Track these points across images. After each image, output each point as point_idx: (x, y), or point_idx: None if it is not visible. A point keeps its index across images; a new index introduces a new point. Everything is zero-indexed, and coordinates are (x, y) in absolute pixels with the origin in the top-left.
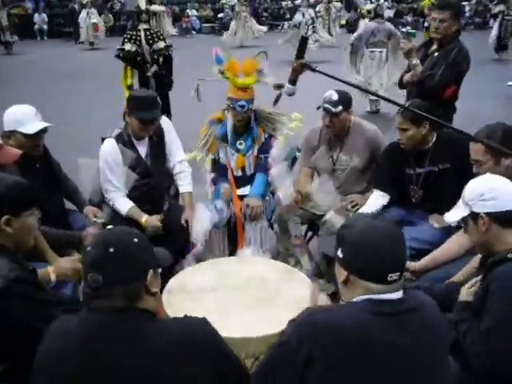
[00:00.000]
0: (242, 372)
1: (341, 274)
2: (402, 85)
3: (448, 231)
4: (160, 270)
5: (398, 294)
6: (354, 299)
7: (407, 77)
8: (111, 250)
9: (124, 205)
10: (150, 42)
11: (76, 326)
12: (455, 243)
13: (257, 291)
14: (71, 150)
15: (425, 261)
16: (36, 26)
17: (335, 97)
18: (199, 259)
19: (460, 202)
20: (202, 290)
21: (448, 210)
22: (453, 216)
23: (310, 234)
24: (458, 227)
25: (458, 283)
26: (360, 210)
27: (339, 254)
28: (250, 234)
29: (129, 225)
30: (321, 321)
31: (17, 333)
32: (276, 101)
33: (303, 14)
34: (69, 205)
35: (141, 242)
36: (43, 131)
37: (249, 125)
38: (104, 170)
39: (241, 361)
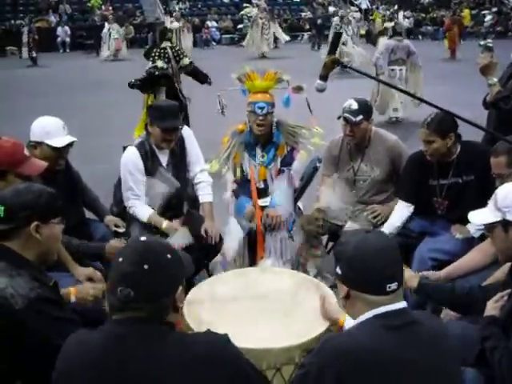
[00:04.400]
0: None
1: (341, 289)
2: (485, 105)
3: (470, 242)
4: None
5: (401, 304)
6: (362, 317)
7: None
8: (146, 266)
9: (145, 211)
10: (177, 58)
11: (97, 336)
12: (478, 254)
13: (277, 302)
14: (94, 159)
15: (447, 271)
16: (59, 39)
17: (355, 106)
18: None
19: (490, 206)
20: (223, 301)
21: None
22: (480, 218)
23: (331, 244)
24: (480, 238)
25: (484, 288)
26: (386, 222)
27: (338, 270)
28: (270, 244)
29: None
30: (339, 346)
31: (36, 350)
32: (309, 107)
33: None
34: (90, 214)
35: (174, 257)
36: (69, 145)
37: (271, 136)
38: (125, 177)
39: (264, 378)
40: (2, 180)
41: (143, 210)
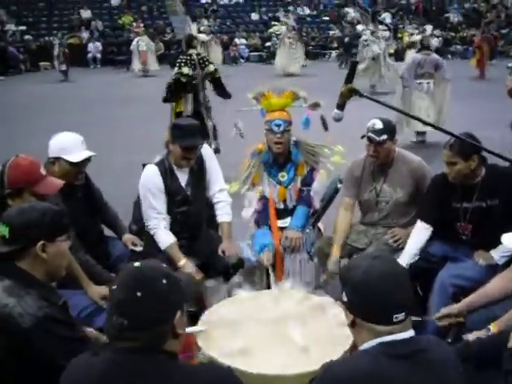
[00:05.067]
0: None
1: (348, 317)
2: None
3: (494, 269)
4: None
5: (409, 334)
6: (367, 345)
7: None
8: (139, 294)
9: (165, 239)
10: (202, 65)
11: (98, 364)
12: (502, 281)
13: (293, 327)
14: (117, 175)
15: (468, 301)
16: (90, 55)
17: (379, 125)
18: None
19: None
20: (237, 324)
21: (495, 247)
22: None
23: None
24: (505, 265)
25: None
26: (405, 245)
27: (343, 297)
28: (289, 266)
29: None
30: (339, 373)
31: (41, 369)
32: (324, 124)
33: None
34: (108, 232)
35: (170, 282)
36: (87, 160)
37: (289, 155)
38: (146, 196)
39: None
40: (19, 198)
41: (164, 238)
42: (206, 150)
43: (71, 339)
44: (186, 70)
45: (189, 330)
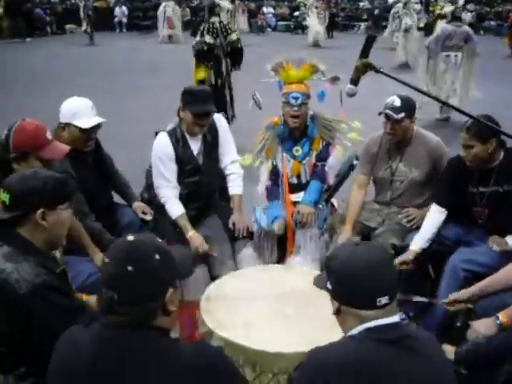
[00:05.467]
0: None
1: (333, 305)
2: None
3: (508, 256)
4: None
5: (394, 319)
6: (353, 331)
7: None
8: (129, 268)
9: (175, 208)
10: (225, 34)
11: (87, 339)
12: None
13: (297, 304)
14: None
15: (480, 287)
16: (116, 19)
17: (398, 103)
18: (246, 263)
19: None
20: (241, 299)
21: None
22: None
23: None
24: None
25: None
26: (419, 226)
27: (328, 285)
28: (299, 241)
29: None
30: (324, 359)
31: (39, 337)
32: (341, 100)
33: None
34: (119, 200)
35: (163, 258)
36: (97, 126)
37: (305, 130)
38: (156, 164)
39: None
40: (24, 162)
41: (174, 208)
42: (221, 121)
43: (69, 307)
44: (207, 38)
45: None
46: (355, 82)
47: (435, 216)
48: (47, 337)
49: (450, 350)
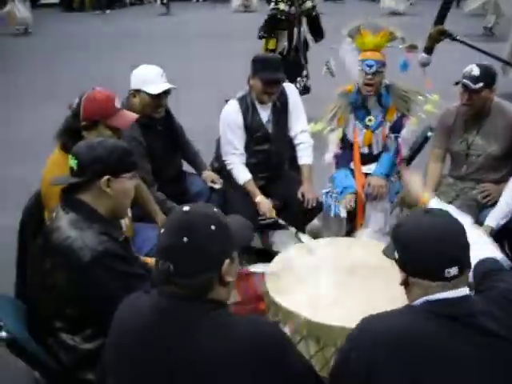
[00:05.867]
0: (314, 379)
1: (401, 276)
2: None
3: None
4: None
5: (460, 292)
6: (415, 303)
7: None
8: (185, 239)
9: (242, 174)
10: (300, 2)
11: (146, 307)
12: None
13: (364, 277)
14: (206, 111)
15: None
16: None
17: (476, 72)
18: (315, 235)
19: None
20: (307, 271)
21: None
22: None
23: None
24: None
25: None
26: (495, 202)
27: (395, 254)
28: (370, 214)
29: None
30: (375, 330)
31: (103, 302)
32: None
33: None
34: (189, 168)
35: (219, 228)
36: (166, 93)
37: (380, 100)
38: (225, 131)
39: (313, 373)
40: (94, 130)
41: (241, 173)
42: (291, 89)
43: (131, 275)
44: (282, 6)
45: (253, 269)
46: (429, 50)
47: None
48: (111, 302)
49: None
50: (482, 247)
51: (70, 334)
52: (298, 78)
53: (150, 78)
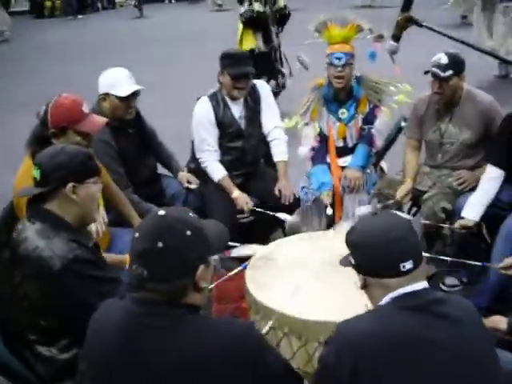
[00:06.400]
0: (291, 378)
1: (359, 279)
2: None
3: None
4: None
5: (421, 285)
6: (381, 303)
7: None
8: (160, 244)
9: (217, 171)
10: (272, 1)
11: (118, 313)
12: None
13: (345, 272)
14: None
15: None
16: None
17: (445, 60)
18: (294, 231)
19: None
20: (287, 267)
21: None
22: None
23: (414, 209)
24: None
25: None
26: (475, 192)
27: (351, 260)
28: (348, 207)
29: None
30: (352, 332)
31: (78, 310)
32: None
33: None
34: (164, 171)
35: (195, 233)
36: (135, 94)
37: (351, 92)
38: (197, 128)
39: (294, 373)
40: (63, 137)
41: (215, 171)
42: (263, 86)
43: (103, 279)
44: (257, 6)
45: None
46: (397, 37)
47: (490, 183)
48: (85, 310)
49: (500, 320)
50: None
51: (45, 346)
52: (278, 76)
53: (117, 81)
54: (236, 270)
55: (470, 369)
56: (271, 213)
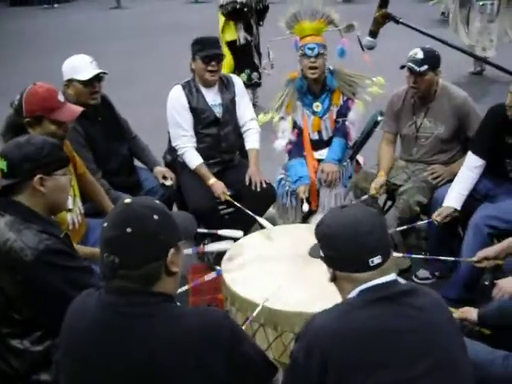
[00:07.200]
0: (266, 367)
1: (329, 272)
2: None
3: None
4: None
5: (389, 278)
6: (349, 295)
7: None
8: (128, 230)
9: (194, 158)
10: None
11: (93, 304)
12: None
13: (319, 264)
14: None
15: (505, 243)
16: None
17: (420, 55)
18: (271, 223)
19: None
20: (263, 259)
21: None
22: None
23: (389, 203)
24: None
25: None
26: (454, 180)
27: (321, 253)
28: (324, 200)
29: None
30: (320, 326)
31: (52, 301)
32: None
33: None
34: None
35: (162, 217)
36: (99, 79)
37: (325, 85)
38: (172, 114)
39: (269, 362)
40: (38, 126)
41: (193, 158)
42: (237, 79)
43: (76, 268)
44: None
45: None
46: (374, 33)
47: (472, 170)
48: (59, 300)
49: (470, 310)
50: None
51: (18, 339)
52: (259, 69)
53: (79, 67)
54: (210, 276)
55: (437, 357)
56: (257, 217)
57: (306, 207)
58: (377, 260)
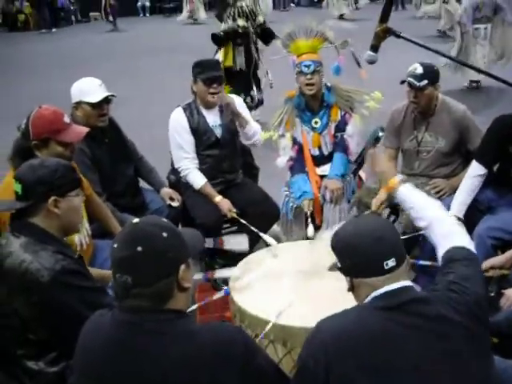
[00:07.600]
0: (279, 379)
1: (347, 282)
2: None
3: None
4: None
5: (402, 283)
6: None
7: None
8: (139, 249)
9: (198, 178)
10: (253, 17)
11: (107, 323)
12: None
13: (326, 280)
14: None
15: (509, 254)
16: (139, 3)
17: (420, 70)
18: (276, 240)
19: None
20: (269, 276)
21: None
22: None
23: (392, 217)
24: None
25: None
26: (454, 202)
27: (338, 264)
28: (328, 215)
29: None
30: (325, 333)
31: (67, 322)
32: (356, 60)
33: None
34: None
35: (171, 235)
36: (108, 101)
37: (323, 101)
38: (174, 136)
39: (283, 375)
40: (45, 149)
41: (197, 178)
42: (237, 99)
43: (91, 289)
44: (241, 22)
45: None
46: (375, 48)
47: (475, 178)
48: (75, 320)
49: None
50: (453, 234)
51: (33, 360)
52: (256, 91)
53: (88, 89)
54: (218, 296)
55: (444, 365)
56: (261, 234)
57: (311, 231)
58: (391, 263)
